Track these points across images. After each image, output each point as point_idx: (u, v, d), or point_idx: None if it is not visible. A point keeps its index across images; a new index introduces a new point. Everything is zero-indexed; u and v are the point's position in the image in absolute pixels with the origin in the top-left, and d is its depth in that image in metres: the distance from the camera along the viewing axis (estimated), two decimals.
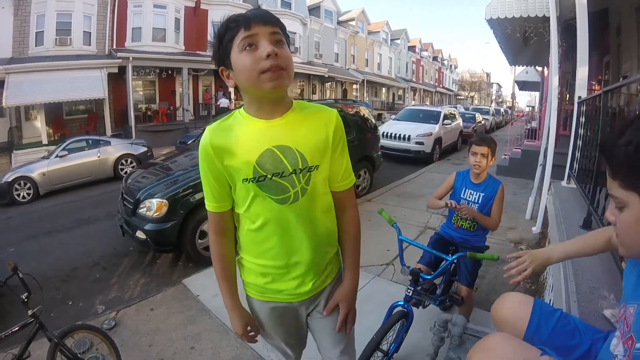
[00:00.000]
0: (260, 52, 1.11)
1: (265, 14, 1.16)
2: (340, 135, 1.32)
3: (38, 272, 4.04)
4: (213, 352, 2.85)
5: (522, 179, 8.03)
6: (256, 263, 1.35)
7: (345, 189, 1.38)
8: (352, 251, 1.45)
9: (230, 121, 1.28)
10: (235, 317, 1.41)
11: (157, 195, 4.40)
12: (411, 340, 2.63)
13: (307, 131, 1.25)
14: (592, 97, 3.59)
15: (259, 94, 1.18)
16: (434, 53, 51.27)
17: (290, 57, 1.18)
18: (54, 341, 2.32)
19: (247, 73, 1.13)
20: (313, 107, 1.32)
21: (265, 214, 1.26)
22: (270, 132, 1.22)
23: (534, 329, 1.40)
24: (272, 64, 1.10)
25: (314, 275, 1.36)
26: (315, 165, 1.25)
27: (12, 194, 9.16)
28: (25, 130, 15.34)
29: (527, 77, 16.79)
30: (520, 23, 6.77)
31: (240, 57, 1.13)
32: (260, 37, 1.12)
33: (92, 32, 16.64)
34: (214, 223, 1.36)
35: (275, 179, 1.21)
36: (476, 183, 2.80)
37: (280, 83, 1.14)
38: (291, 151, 1.22)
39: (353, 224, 1.44)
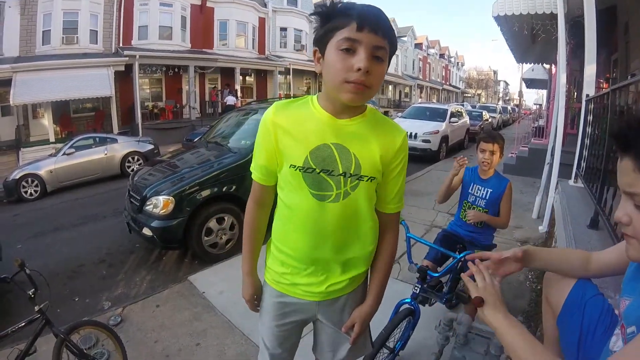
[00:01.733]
0: (353, 62, 1.05)
1: (381, 22, 1.07)
2: (403, 157, 1.28)
3: (45, 268, 4.07)
4: (218, 348, 2.86)
5: (529, 177, 7.97)
6: (280, 249, 1.35)
7: (392, 212, 1.36)
8: (381, 274, 1.40)
9: (299, 104, 1.26)
10: (247, 283, 1.46)
11: (163, 193, 4.42)
12: (417, 339, 2.63)
13: (370, 141, 1.21)
14: (600, 95, 3.57)
15: (334, 96, 1.15)
16: (441, 50, 51.09)
17: (382, 76, 1.13)
18: (60, 337, 2.33)
19: (332, 74, 1.09)
20: (385, 122, 1.29)
21: (300, 206, 1.24)
22: (334, 129, 1.20)
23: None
24: (357, 79, 1.05)
25: (331, 278, 1.33)
26: (370, 177, 1.22)
27: (19, 191, 9.27)
28: (32, 128, 15.47)
29: (534, 75, 16.66)
30: (528, 20, 6.74)
31: (334, 54, 1.08)
32: (362, 45, 1.05)
33: (98, 30, 16.73)
34: (255, 192, 1.38)
35: (323, 175, 1.19)
36: (484, 179, 2.79)
37: (358, 98, 1.11)
38: (348, 153, 1.19)
39: (391, 249, 1.40)
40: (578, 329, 1.38)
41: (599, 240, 2.63)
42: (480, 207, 2.77)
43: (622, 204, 0.98)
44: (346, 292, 1.38)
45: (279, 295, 1.40)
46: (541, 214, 5.46)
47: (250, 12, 21.94)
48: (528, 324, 2.99)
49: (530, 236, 4.96)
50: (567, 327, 1.44)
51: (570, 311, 1.43)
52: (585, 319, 1.37)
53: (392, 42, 1.12)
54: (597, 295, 1.41)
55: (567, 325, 1.44)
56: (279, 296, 1.40)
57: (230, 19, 21.01)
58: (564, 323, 1.46)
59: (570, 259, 1.50)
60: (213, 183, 4.59)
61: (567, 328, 1.44)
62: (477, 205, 2.80)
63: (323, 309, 1.40)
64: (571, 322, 1.42)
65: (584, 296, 1.41)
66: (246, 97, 22.01)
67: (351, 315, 1.40)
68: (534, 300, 3.37)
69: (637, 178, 0.88)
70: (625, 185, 0.93)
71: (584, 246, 2.53)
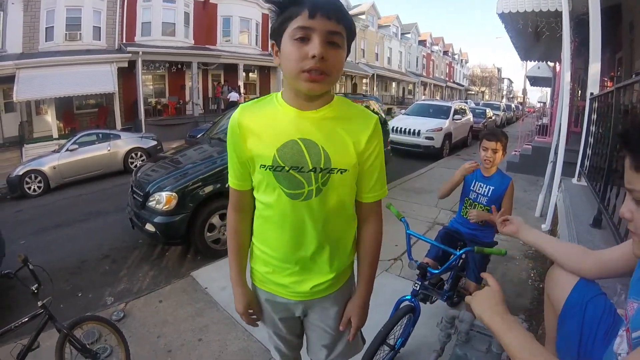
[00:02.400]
0: (307, 50, 1.03)
1: (334, 7, 1.06)
2: (376, 144, 1.23)
3: (48, 264, 4.07)
4: (220, 344, 2.87)
5: (532, 175, 7.96)
6: (261, 249, 1.34)
7: (372, 201, 1.31)
8: (368, 265, 1.38)
9: (264, 103, 1.24)
10: (238, 295, 1.41)
11: (166, 189, 4.43)
12: (418, 336, 2.63)
13: (339, 132, 1.18)
14: (604, 93, 3.55)
15: (295, 88, 1.13)
16: (445, 47, 50.93)
17: (340, 62, 1.11)
18: (63, 332, 2.34)
19: (288, 65, 1.07)
20: (352, 108, 1.25)
21: (276, 204, 1.22)
22: (300, 123, 1.16)
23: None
24: (314, 67, 1.04)
25: (315, 277, 1.31)
26: (340, 169, 1.18)
27: (23, 187, 9.32)
28: (35, 125, 15.52)
29: (538, 73, 16.62)
30: (533, 17, 6.70)
31: (289, 45, 1.06)
32: (316, 32, 1.03)
33: (101, 27, 16.76)
34: (233, 198, 1.36)
35: (293, 172, 1.16)
36: (487, 176, 2.78)
37: (317, 87, 1.08)
38: (316, 147, 1.16)
39: (376, 238, 1.37)
40: (579, 328, 1.38)
41: (601, 239, 2.62)
42: (482, 204, 2.76)
43: (625, 201, 1.03)
44: (331, 291, 1.36)
45: (266, 294, 1.40)
46: (544, 212, 5.45)
47: (254, 8, 21.89)
48: (530, 323, 2.99)
49: None
50: (569, 326, 1.43)
51: (572, 310, 1.43)
52: (587, 319, 1.37)
53: (349, 27, 1.10)
54: (599, 294, 1.41)
55: (569, 324, 1.44)
56: (266, 296, 1.40)
57: (233, 15, 20.97)
58: (565, 322, 1.46)
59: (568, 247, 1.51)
60: (216, 179, 4.59)
61: (568, 327, 1.44)
62: (478, 202, 2.78)
63: (310, 309, 1.40)
64: (572, 321, 1.42)
65: (585, 295, 1.41)
66: (249, 93, 22.01)
67: (345, 311, 1.40)
68: (536, 298, 3.37)
69: (633, 175, 0.93)
70: (625, 182, 0.98)
71: (587, 245, 2.52)
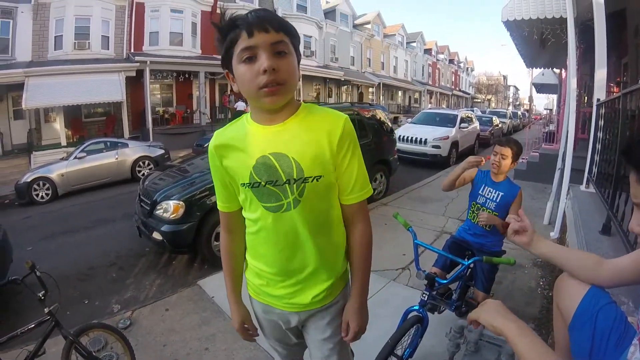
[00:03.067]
0: (257, 67, 1.06)
1: (269, 19, 1.08)
2: (349, 144, 1.21)
3: (55, 270, 4.08)
4: (227, 353, 2.86)
5: (540, 183, 7.90)
6: (254, 264, 1.37)
7: (353, 202, 1.28)
8: (359, 268, 1.36)
9: (237, 125, 1.27)
10: (233, 311, 1.46)
11: (174, 197, 4.44)
12: (426, 346, 2.61)
13: (306, 139, 1.18)
14: (611, 99, 3.54)
15: (259, 106, 1.16)
16: (450, 56, 50.99)
17: (293, 68, 1.13)
18: (69, 339, 2.35)
19: (245, 86, 1.11)
20: (319, 112, 1.24)
21: (260, 220, 1.25)
22: (269, 139, 1.18)
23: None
24: (268, 80, 1.06)
25: (309, 288, 1.32)
26: (315, 177, 1.17)
27: (31, 194, 9.38)
28: (44, 132, 15.66)
29: (544, 80, 16.59)
30: (538, 25, 6.70)
31: (239, 68, 1.10)
32: (260, 49, 1.06)
33: (110, 36, 16.94)
34: (223, 220, 1.40)
35: (269, 186, 1.18)
36: (496, 182, 2.77)
37: (278, 99, 1.11)
38: (287, 159, 1.17)
39: (364, 240, 1.34)
40: (590, 337, 1.36)
41: (611, 247, 2.60)
42: (490, 209, 2.75)
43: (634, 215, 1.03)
44: (327, 302, 1.36)
45: (262, 305, 1.43)
46: (552, 220, 5.41)
47: None
48: (539, 331, 2.95)
49: None
50: (579, 336, 1.41)
51: (582, 319, 1.41)
52: (597, 328, 1.35)
53: (290, 33, 1.12)
54: (609, 303, 1.39)
55: (579, 334, 1.42)
56: (262, 307, 1.43)
57: None
58: (575, 331, 1.44)
59: (581, 257, 1.48)
60: None
61: (578, 336, 1.42)
62: (486, 207, 2.77)
63: (306, 320, 1.40)
64: (583, 330, 1.40)
65: (596, 304, 1.39)
66: None
67: (343, 317, 1.39)
68: (546, 307, 3.33)
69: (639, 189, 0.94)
70: (632, 196, 0.98)
71: (596, 252, 2.49)
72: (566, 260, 1.51)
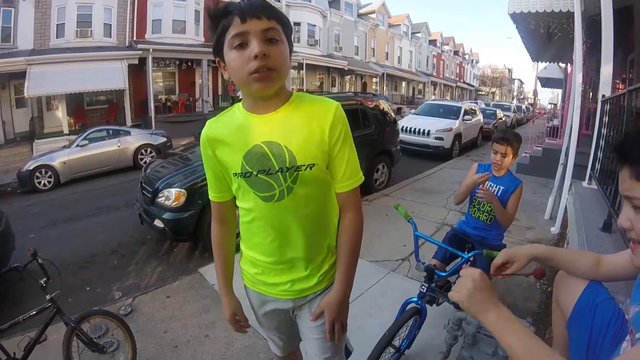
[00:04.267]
0: (249, 52, 1.06)
1: (261, 6, 1.08)
2: (340, 131, 1.21)
3: (57, 258, 4.12)
4: (226, 340, 2.88)
5: (542, 178, 7.89)
6: (248, 253, 1.38)
7: (344, 191, 1.28)
8: (345, 259, 1.31)
9: (228, 115, 1.27)
10: (224, 303, 1.47)
11: (175, 185, 4.45)
12: (424, 338, 2.63)
13: (298, 127, 1.18)
14: (616, 95, 3.51)
15: (250, 93, 1.16)
16: (455, 47, 50.67)
17: (284, 56, 1.12)
18: (71, 325, 2.36)
19: (236, 73, 1.10)
20: (310, 101, 1.24)
21: (254, 209, 1.25)
22: (261, 128, 1.18)
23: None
24: (259, 65, 1.06)
25: (303, 275, 1.33)
26: (308, 165, 1.18)
27: (33, 182, 9.41)
28: (46, 120, 15.68)
29: (549, 74, 16.49)
30: (544, 18, 6.65)
31: (231, 55, 1.09)
32: (252, 35, 1.06)
33: (112, 24, 16.87)
34: (215, 211, 1.41)
35: (261, 176, 1.18)
36: (498, 177, 2.77)
37: (268, 85, 1.11)
38: (279, 148, 1.17)
39: (351, 229, 1.31)
40: (588, 332, 1.37)
41: (611, 244, 2.60)
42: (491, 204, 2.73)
43: (623, 210, 1.03)
44: (320, 288, 1.36)
45: (257, 295, 1.44)
46: (554, 215, 5.40)
47: None
48: (537, 326, 2.97)
49: (542, 237, 4.91)
50: (577, 331, 1.42)
51: (581, 314, 1.42)
52: (595, 323, 1.36)
53: (282, 21, 1.12)
54: (608, 299, 1.40)
55: (577, 329, 1.42)
56: (258, 296, 1.44)
57: None
58: (573, 326, 1.45)
59: (581, 260, 1.48)
60: None
61: (576, 331, 1.43)
62: (487, 201, 2.75)
63: (300, 308, 1.41)
64: (581, 325, 1.41)
65: (595, 300, 1.40)
66: None
67: (319, 304, 1.35)
68: (544, 302, 3.34)
69: (633, 184, 0.95)
70: (624, 190, 1.00)
71: (597, 249, 2.50)
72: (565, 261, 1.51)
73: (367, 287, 3.54)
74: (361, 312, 3.10)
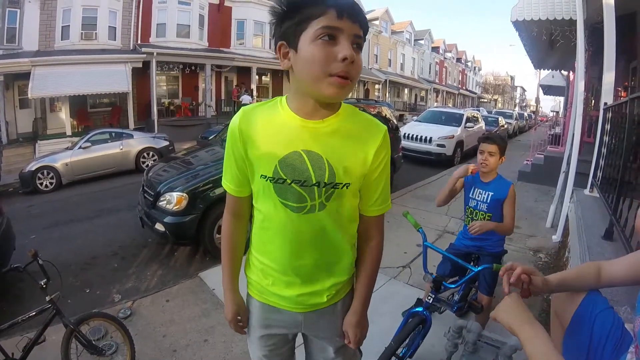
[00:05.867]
0: (338, 51, 0.96)
1: (359, 9, 1.00)
2: (384, 156, 1.16)
3: (58, 259, 4.10)
4: (225, 345, 2.88)
5: (544, 185, 7.89)
6: (260, 260, 1.28)
7: (375, 215, 1.25)
8: (366, 281, 1.31)
9: (268, 107, 1.16)
10: (228, 299, 1.36)
11: (177, 189, 4.46)
12: (424, 345, 2.61)
13: (345, 144, 1.11)
14: (618, 103, 3.51)
15: (312, 93, 1.05)
16: (458, 54, 50.73)
17: (361, 67, 1.06)
18: (70, 327, 2.36)
19: (311, 67, 0.99)
20: (362, 119, 1.17)
21: (275, 216, 1.17)
22: (305, 134, 1.09)
23: None
24: (344, 70, 0.97)
25: (316, 289, 1.26)
26: (345, 184, 1.12)
27: (35, 183, 9.43)
28: (49, 122, 15.72)
29: (552, 82, 16.49)
30: (547, 26, 6.66)
31: (313, 46, 0.97)
32: (344, 34, 0.97)
33: (117, 27, 16.96)
34: (230, 204, 1.31)
35: (294, 185, 1.10)
36: (485, 182, 2.71)
37: (341, 93, 1.01)
38: (321, 160, 1.09)
39: (376, 253, 1.31)
40: (587, 343, 1.36)
41: (613, 252, 2.59)
42: (483, 211, 2.69)
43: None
44: (331, 303, 1.30)
45: (263, 307, 1.33)
46: (555, 223, 5.39)
47: None
48: None
49: (544, 245, 4.89)
50: (576, 341, 1.41)
51: (579, 324, 1.40)
52: (595, 332, 1.35)
53: (366, 31, 1.05)
54: (607, 308, 1.39)
55: (576, 339, 1.41)
56: (263, 308, 1.34)
57: (247, 19, 21.08)
58: (572, 336, 1.44)
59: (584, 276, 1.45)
60: None
61: (575, 342, 1.42)
62: (479, 210, 2.71)
63: (308, 322, 1.33)
64: (580, 335, 1.39)
65: (593, 310, 1.39)
66: (262, 96, 22.06)
67: (342, 326, 1.33)
68: (545, 310, 3.32)
69: None
70: None
71: (598, 257, 2.49)
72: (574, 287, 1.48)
73: None
74: None
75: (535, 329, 1.08)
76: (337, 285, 1.29)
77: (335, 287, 1.29)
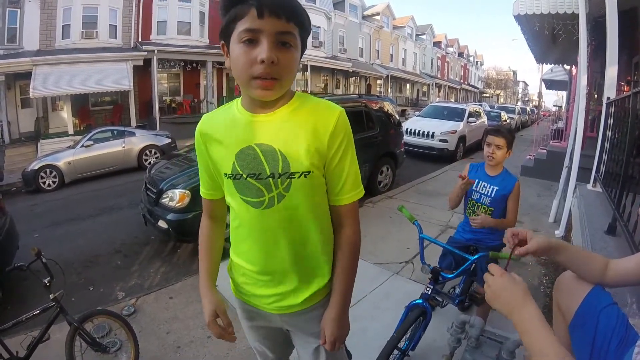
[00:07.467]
0: (256, 54, 0.96)
1: (283, 3, 0.97)
2: (341, 141, 1.11)
3: (61, 257, 4.11)
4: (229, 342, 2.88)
5: (546, 180, 7.86)
6: (235, 260, 1.31)
7: (342, 204, 1.19)
8: (342, 275, 1.23)
9: (224, 110, 1.20)
10: (204, 303, 1.32)
11: (179, 186, 4.46)
12: (427, 340, 2.61)
13: (296, 131, 1.09)
14: (621, 98, 3.50)
15: (248, 94, 1.07)
16: (460, 49, 50.55)
17: (293, 63, 1.03)
18: (74, 325, 2.37)
19: (238, 70, 1.01)
20: (313, 104, 1.14)
21: (241, 214, 1.18)
22: (256, 128, 1.10)
23: None
24: (264, 72, 0.97)
25: (292, 290, 1.23)
26: (303, 172, 1.09)
27: (38, 182, 9.46)
28: (51, 121, 15.78)
29: (554, 76, 16.42)
30: (549, 20, 6.63)
31: (237, 48, 0.99)
32: (264, 35, 0.96)
33: (117, 25, 16.97)
34: (205, 206, 1.37)
35: (250, 179, 1.10)
36: (491, 176, 2.66)
37: (268, 94, 1.02)
38: (273, 152, 1.08)
39: (348, 244, 1.22)
40: (591, 338, 1.35)
41: (616, 247, 2.59)
42: (485, 204, 2.66)
43: None
44: (307, 306, 1.26)
45: (243, 305, 1.37)
46: (558, 218, 5.38)
47: None
48: None
49: None
50: (580, 336, 1.41)
51: (583, 319, 1.40)
52: (599, 329, 1.34)
53: (302, 24, 1.02)
54: (611, 304, 1.38)
55: (580, 334, 1.41)
56: (243, 306, 1.37)
57: None
58: (576, 331, 1.43)
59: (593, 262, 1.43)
60: None
61: (579, 337, 1.41)
62: (481, 203, 2.68)
63: (288, 321, 1.32)
64: (584, 330, 1.39)
65: (598, 305, 1.38)
66: None
67: (321, 324, 1.27)
68: (548, 305, 3.32)
69: None
70: None
71: (601, 252, 2.49)
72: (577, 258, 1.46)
73: (371, 290, 3.53)
74: (364, 314, 3.10)
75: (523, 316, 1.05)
76: (312, 286, 1.25)
77: (311, 288, 1.25)
